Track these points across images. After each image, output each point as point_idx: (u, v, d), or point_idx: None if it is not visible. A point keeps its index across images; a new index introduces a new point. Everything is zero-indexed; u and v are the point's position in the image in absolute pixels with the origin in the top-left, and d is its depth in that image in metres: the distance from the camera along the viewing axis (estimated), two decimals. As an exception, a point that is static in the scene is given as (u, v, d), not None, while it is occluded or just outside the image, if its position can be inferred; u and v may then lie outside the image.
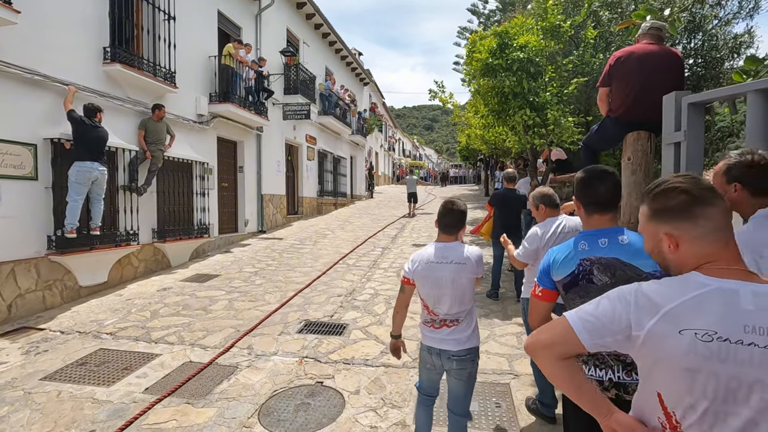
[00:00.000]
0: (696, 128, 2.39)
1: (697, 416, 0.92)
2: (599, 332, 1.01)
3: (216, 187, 9.02)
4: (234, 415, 3.09)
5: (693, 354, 0.91)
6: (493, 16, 25.01)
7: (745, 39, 8.19)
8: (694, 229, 1.00)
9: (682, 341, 0.92)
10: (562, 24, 6.97)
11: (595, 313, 1.02)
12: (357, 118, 18.85)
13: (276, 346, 4.27)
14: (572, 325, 1.03)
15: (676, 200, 1.02)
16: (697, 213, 1.00)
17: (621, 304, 1.00)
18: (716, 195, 1.01)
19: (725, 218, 1.00)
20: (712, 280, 0.95)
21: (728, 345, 0.89)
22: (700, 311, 0.92)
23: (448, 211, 2.30)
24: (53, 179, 5.42)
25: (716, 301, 0.92)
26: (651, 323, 0.95)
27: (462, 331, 2.23)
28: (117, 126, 6.36)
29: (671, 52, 3.05)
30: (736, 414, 0.89)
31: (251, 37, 10.49)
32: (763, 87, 1.99)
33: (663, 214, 1.05)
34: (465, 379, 2.27)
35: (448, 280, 2.20)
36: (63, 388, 3.44)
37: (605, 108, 3.25)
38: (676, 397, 0.95)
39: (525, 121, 6.83)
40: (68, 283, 5.67)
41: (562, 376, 1.08)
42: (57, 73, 5.45)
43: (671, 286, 0.99)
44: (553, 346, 1.06)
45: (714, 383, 0.90)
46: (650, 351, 0.96)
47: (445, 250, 2.26)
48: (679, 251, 1.03)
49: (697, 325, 0.91)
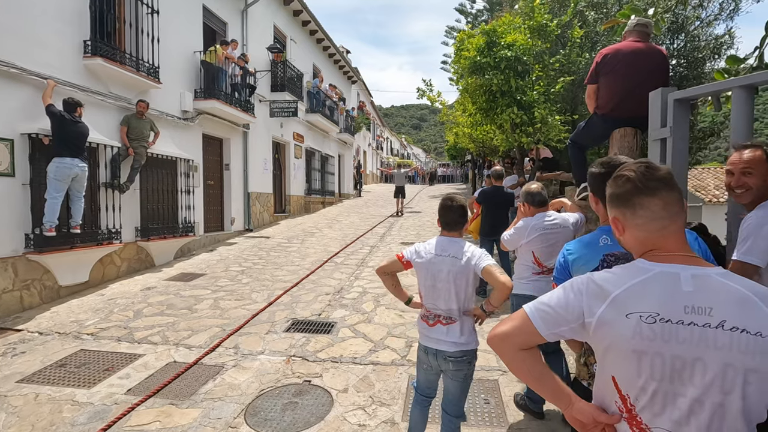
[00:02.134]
0: (681, 124, 2.41)
1: (648, 398, 0.96)
2: (555, 322, 1.04)
3: (201, 184, 8.87)
4: (219, 415, 3.03)
5: (639, 336, 0.95)
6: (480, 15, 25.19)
7: (725, 40, 8.39)
8: (634, 217, 1.05)
9: (629, 324, 0.96)
10: (549, 23, 7.03)
11: (550, 303, 1.06)
12: (345, 116, 18.75)
13: (263, 345, 4.20)
14: (529, 317, 1.06)
15: (622, 188, 1.07)
16: (636, 202, 1.04)
17: (574, 293, 1.04)
18: (662, 186, 1.03)
19: (667, 209, 1.02)
20: (654, 265, 1.00)
21: (670, 326, 0.94)
22: (644, 295, 0.97)
23: (448, 209, 2.27)
24: (31, 176, 5.25)
25: (658, 285, 0.97)
26: (601, 310, 0.99)
27: (457, 332, 2.19)
28: (98, 122, 6.20)
29: (657, 49, 3.08)
30: (683, 394, 0.93)
31: (237, 34, 10.34)
32: (747, 83, 2.02)
33: (612, 199, 1.11)
34: (461, 380, 2.23)
35: (444, 274, 2.18)
36: (41, 391, 3.33)
37: (593, 105, 3.27)
38: (628, 379, 0.98)
39: (512, 119, 6.87)
40: (47, 283, 5.51)
41: (521, 365, 1.09)
42: (35, 66, 5.29)
43: (618, 273, 1.04)
44: (512, 337, 1.08)
45: (660, 364, 0.94)
46: (602, 336, 1.00)
47: (446, 243, 2.24)
48: (625, 236, 1.10)
49: (641, 309, 0.96)
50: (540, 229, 2.95)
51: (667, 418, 0.94)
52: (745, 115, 2.05)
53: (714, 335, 0.91)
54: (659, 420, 0.95)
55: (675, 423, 0.94)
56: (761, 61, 2.77)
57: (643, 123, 2.81)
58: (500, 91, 6.77)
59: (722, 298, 0.93)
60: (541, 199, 3.05)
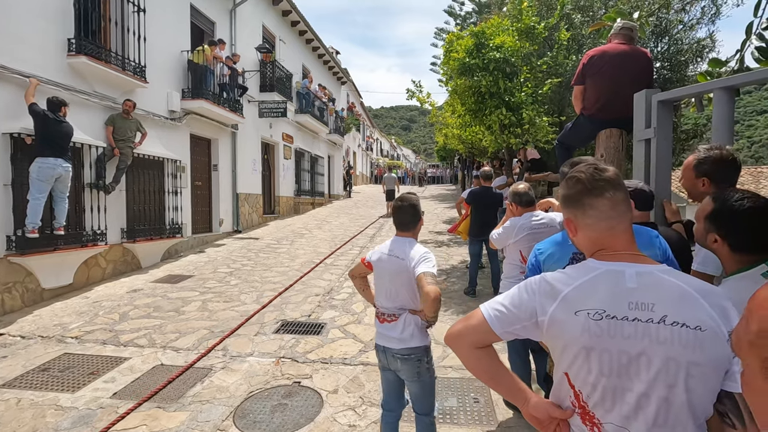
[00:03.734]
0: (665, 125, 2.45)
1: (599, 394, 0.98)
2: (509, 321, 1.05)
3: (189, 185, 8.77)
4: (208, 418, 3.00)
5: (587, 333, 0.97)
6: (469, 17, 25.36)
7: (707, 43, 8.57)
8: (585, 217, 1.08)
9: (578, 322, 0.98)
10: (537, 26, 7.10)
11: (504, 302, 1.07)
12: (335, 117, 18.71)
13: (252, 346, 4.17)
14: (485, 316, 1.07)
15: (573, 189, 1.09)
16: (586, 203, 1.07)
17: (527, 293, 1.06)
18: (609, 187, 1.06)
19: (615, 209, 1.05)
20: (602, 264, 1.03)
21: (615, 321, 0.96)
22: (591, 293, 0.99)
23: (398, 209, 2.28)
24: (13, 176, 5.14)
25: (604, 282, 1.00)
26: (552, 308, 1.01)
27: (398, 329, 2.19)
28: (83, 121, 6.09)
29: (641, 51, 3.14)
30: (630, 389, 0.95)
31: (225, 33, 10.26)
32: (728, 84, 2.06)
33: (564, 200, 1.13)
34: (416, 379, 2.20)
35: (387, 272, 2.23)
36: (23, 396, 3.26)
37: (579, 106, 3.31)
38: (579, 376, 1.00)
39: (501, 120, 6.93)
40: (30, 286, 5.39)
41: (477, 363, 1.10)
42: (17, 64, 5.17)
43: (569, 272, 1.06)
44: (468, 335, 1.09)
45: (608, 359, 0.96)
46: (554, 334, 1.02)
47: (395, 244, 2.27)
48: (578, 236, 1.12)
49: (588, 306, 0.98)
50: (527, 228, 2.99)
51: (617, 413, 0.96)
52: (726, 116, 2.09)
53: (656, 330, 0.94)
54: (610, 416, 0.97)
55: (624, 418, 0.95)
56: (742, 64, 2.83)
57: (628, 124, 2.86)
58: (489, 92, 6.81)
59: (664, 294, 0.96)
60: (528, 199, 3.09)
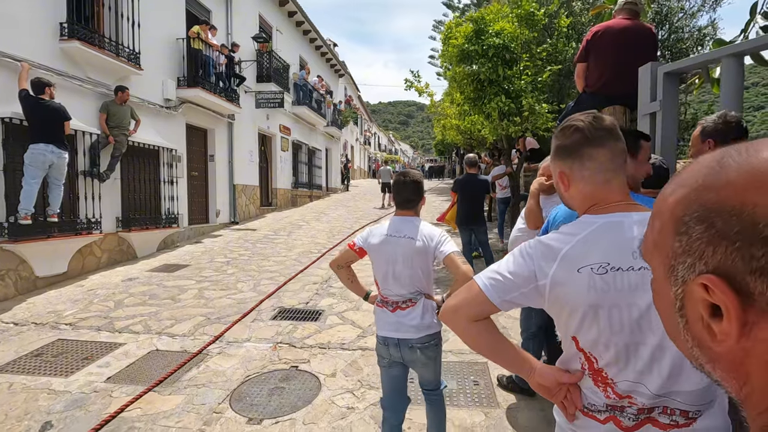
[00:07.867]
0: (671, 98, 2.40)
1: (612, 354, 0.93)
2: (507, 288, 1.00)
3: (185, 175, 8.68)
4: (204, 401, 2.95)
5: (593, 289, 0.92)
6: (468, 10, 25.18)
7: (708, 31, 8.49)
8: (582, 169, 1.02)
9: (582, 279, 0.93)
10: (536, 12, 7.02)
11: (500, 270, 1.02)
12: (332, 109, 18.59)
13: (248, 332, 4.11)
14: (480, 286, 1.01)
15: (571, 139, 1.03)
16: (584, 153, 1.01)
17: (523, 257, 1.01)
18: (609, 136, 1.01)
19: (614, 160, 1.01)
20: (598, 218, 0.99)
21: (621, 273, 0.91)
22: (593, 247, 0.95)
23: (401, 185, 2.07)
24: (5, 161, 5.04)
25: (604, 235, 0.96)
26: (553, 269, 0.96)
27: (417, 315, 1.99)
28: (76, 107, 5.98)
29: (646, 27, 3.08)
30: (644, 342, 0.91)
31: (221, 21, 10.13)
32: (737, 51, 2.00)
33: (559, 152, 1.07)
34: (432, 363, 2.07)
35: (399, 256, 1.99)
36: (15, 380, 3.19)
37: (582, 84, 3.25)
38: (589, 337, 0.95)
39: (500, 108, 6.84)
40: (23, 274, 5.31)
41: (476, 338, 1.05)
42: (7, 48, 5.07)
43: (565, 230, 1.01)
44: (464, 309, 1.03)
45: (617, 315, 0.91)
46: (557, 297, 0.97)
47: (400, 223, 2.05)
48: (570, 191, 1.06)
49: (591, 261, 0.93)
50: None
51: (631, 370, 0.92)
52: (735, 85, 2.04)
53: None
54: (623, 373, 0.93)
55: (638, 373, 0.91)
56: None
57: (631, 101, 2.80)
58: (488, 80, 6.73)
59: None
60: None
